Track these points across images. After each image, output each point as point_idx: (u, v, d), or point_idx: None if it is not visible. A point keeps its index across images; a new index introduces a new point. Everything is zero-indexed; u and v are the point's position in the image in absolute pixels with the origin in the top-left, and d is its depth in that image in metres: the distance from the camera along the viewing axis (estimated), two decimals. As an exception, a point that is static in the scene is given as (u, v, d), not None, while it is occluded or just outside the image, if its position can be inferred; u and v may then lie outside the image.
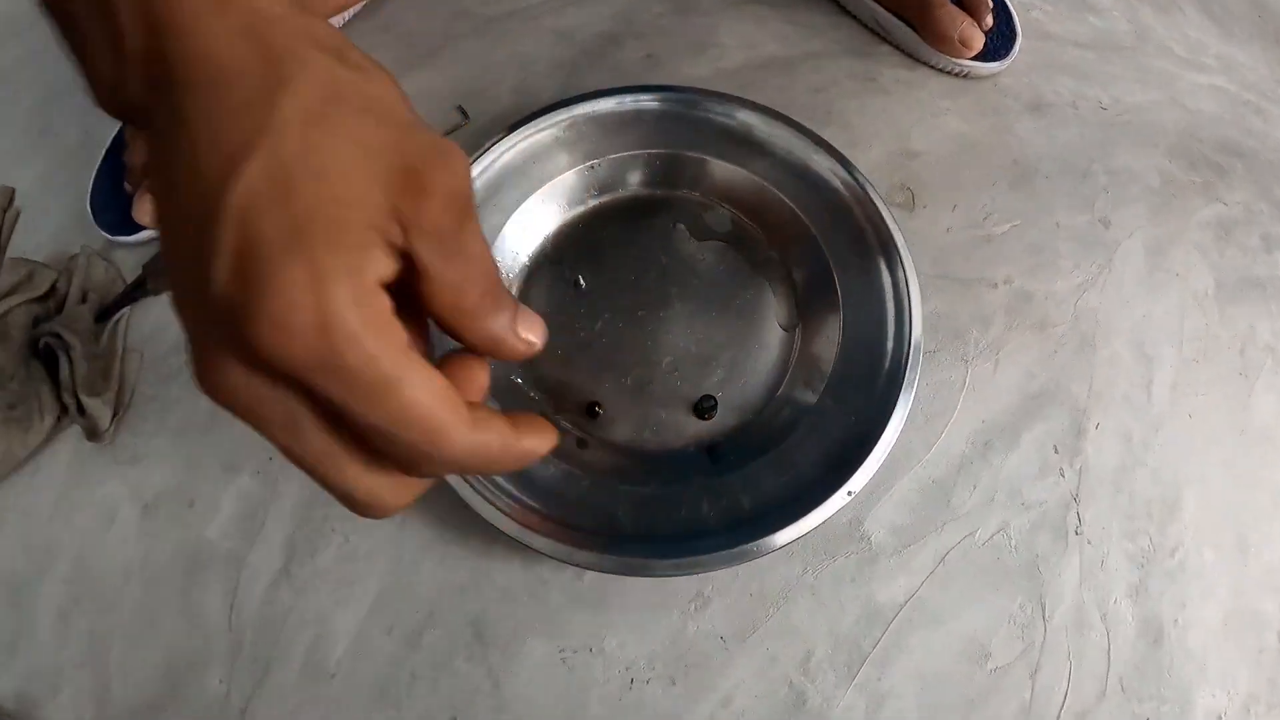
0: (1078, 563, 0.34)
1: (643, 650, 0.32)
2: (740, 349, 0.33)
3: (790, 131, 0.34)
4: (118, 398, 0.39)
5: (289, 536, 0.34)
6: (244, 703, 0.33)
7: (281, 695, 0.33)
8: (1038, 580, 0.33)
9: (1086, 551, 0.34)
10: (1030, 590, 0.33)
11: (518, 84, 0.41)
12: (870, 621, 0.32)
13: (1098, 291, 0.39)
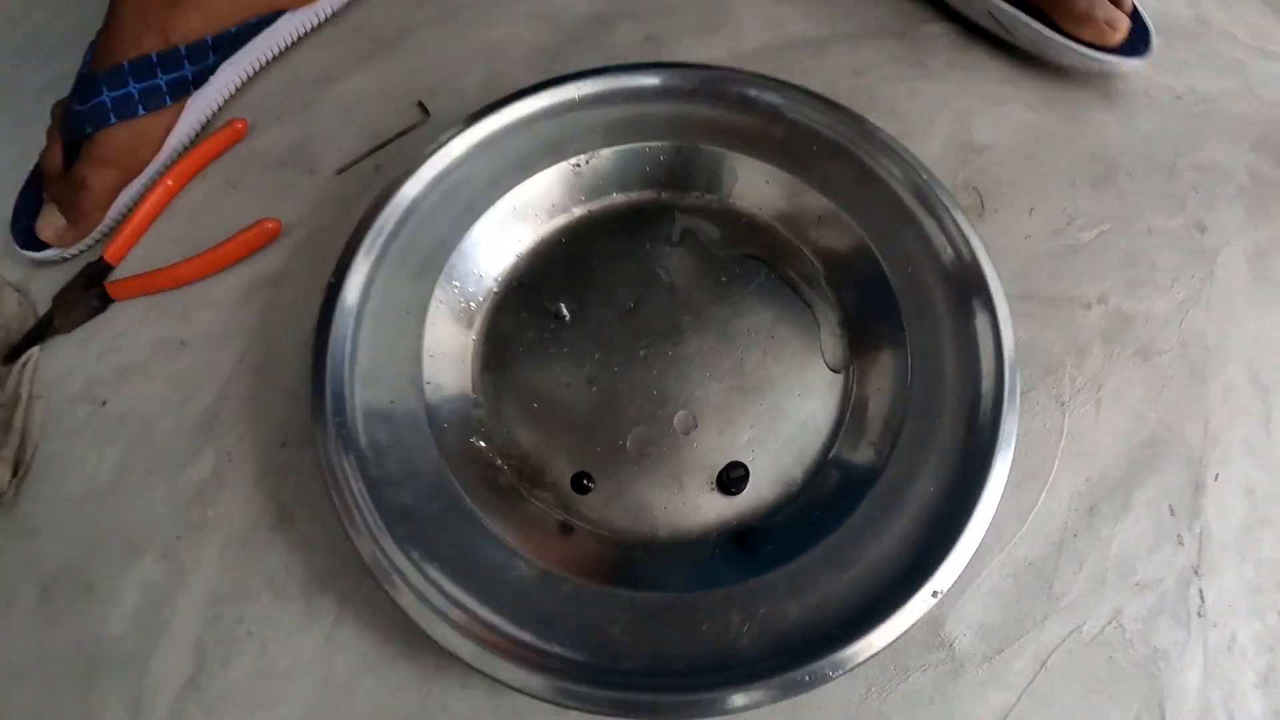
0: (1201, 653, 0.25)
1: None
2: (777, 399, 0.23)
3: (831, 117, 0.25)
4: (19, 453, 0.30)
5: (198, 639, 0.25)
6: None
7: None
8: (1158, 681, 0.24)
9: (1211, 637, 0.25)
10: (1149, 696, 0.24)
11: (487, 75, 0.32)
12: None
13: (1202, 309, 0.30)
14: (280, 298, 0.28)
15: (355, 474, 0.21)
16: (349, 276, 0.24)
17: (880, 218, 0.24)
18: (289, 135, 0.32)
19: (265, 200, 0.31)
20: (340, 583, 0.24)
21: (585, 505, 0.22)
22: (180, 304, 0.30)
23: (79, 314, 0.32)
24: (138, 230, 0.32)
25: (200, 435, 0.27)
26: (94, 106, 0.30)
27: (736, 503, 0.22)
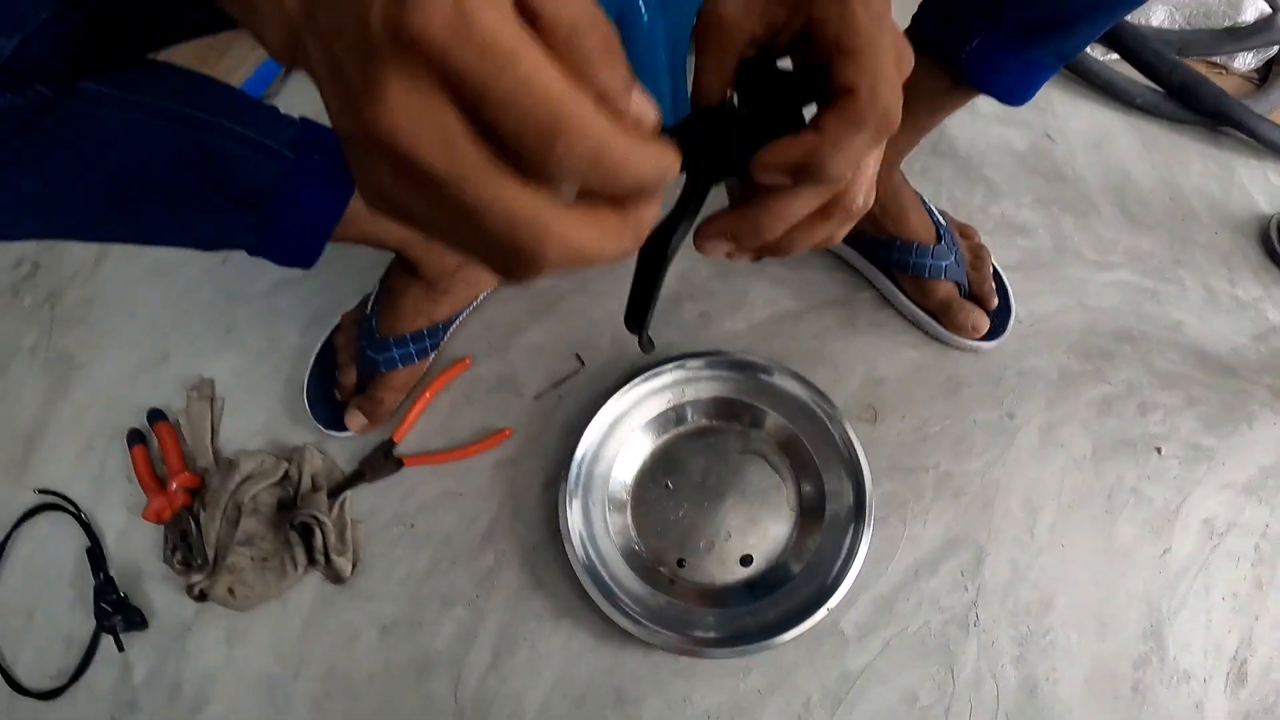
0: (975, 644, 0.80)
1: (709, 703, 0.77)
2: (766, 524, 0.80)
3: (797, 383, 0.81)
4: (354, 554, 0.85)
5: (494, 645, 0.79)
6: (470, 747, 0.78)
7: (495, 740, 0.78)
8: (949, 655, 0.79)
9: (982, 637, 0.80)
10: (944, 661, 0.79)
11: (614, 336, 0.89)
12: (844, 680, 0.77)
13: (1000, 467, 0.85)
14: (518, 472, 0.84)
15: (579, 561, 0.76)
16: (567, 475, 0.79)
17: (817, 437, 0.80)
18: (498, 369, 0.88)
19: (490, 411, 0.87)
20: (571, 611, 0.79)
21: (683, 572, 0.78)
22: (451, 472, 0.85)
23: (383, 471, 0.87)
24: (410, 424, 0.87)
25: (482, 542, 0.82)
26: (386, 358, 0.85)
27: (747, 570, 0.78)
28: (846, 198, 0.37)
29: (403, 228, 0.81)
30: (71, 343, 1.00)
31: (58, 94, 0.50)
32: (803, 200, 0.36)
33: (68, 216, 0.58)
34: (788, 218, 0.36)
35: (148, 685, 0.80)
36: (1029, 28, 0.67)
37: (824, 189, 0.36)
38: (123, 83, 0.54)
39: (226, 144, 0.60)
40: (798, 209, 0.36)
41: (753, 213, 0.36)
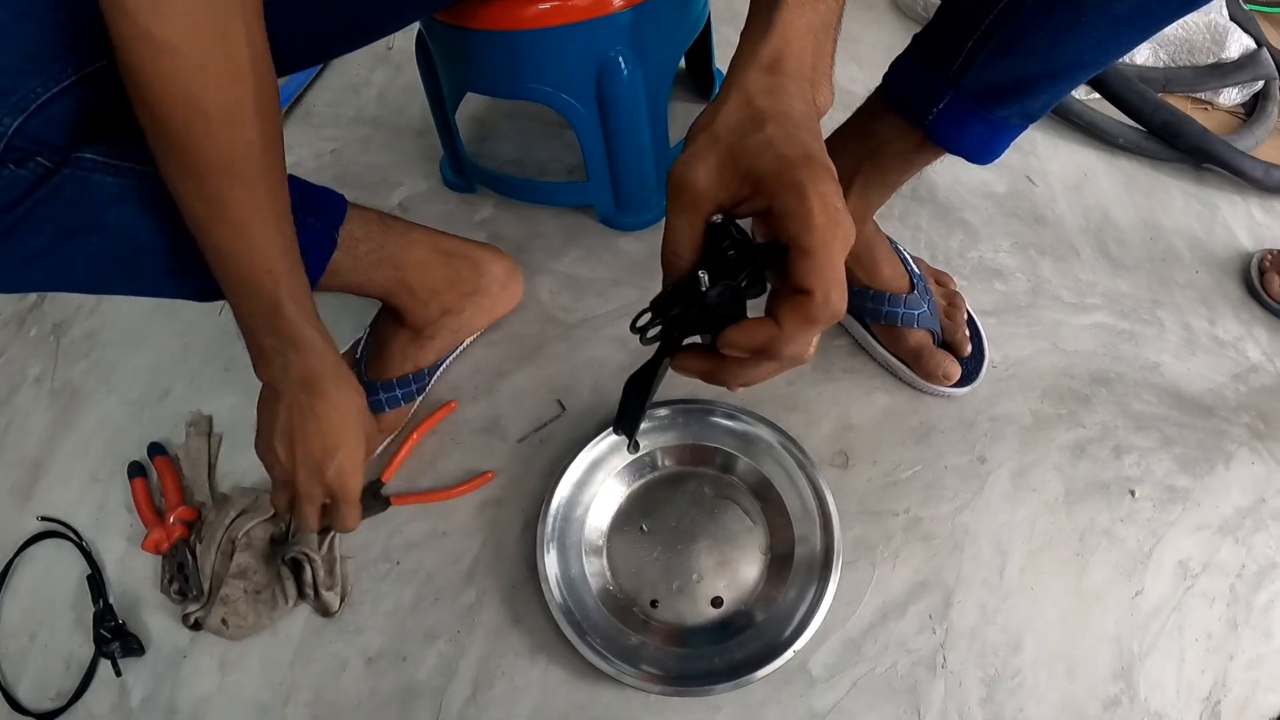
0: (943, 685, 0.81)
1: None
2: (737, 566, 0.82)
3: (768, 429, 0.83)
4: (342, 589, 0.87)
5: (474, 678, 0.82)
6: (450, 778, 0.81)
7: (475, 772, 0.80)
8: (916, 695, 0.80)
9: (949, 678, 0.81)
10: (911, 702, 0.80)
11: (594, 383, 0.91)
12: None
13: (970, 511, 0.87)
14: (500, 513, 0.87)
15: (555, 602, 0.78)
16: (544, 520, 0.81)
17: (786, 481, 0.83)
18: (483, 412, 0.91)
19: (474, 453, 0.90)
20: (548, 648, 0.81)
21: (656, 613, 0.80)
22: (436, 512, 0.88)
23: (371, 510, 0.89)
24: (398, 464, 0.90)
25: (465, 580, 0.85)
26: (374, 401, 0.88)
27: (718, 612, 0.80)
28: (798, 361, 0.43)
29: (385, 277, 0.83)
30: (77, 375, 1.04)
31: (56, 164, 0.53)
32: (758, 369, 0.44)
33: (68, 274, 0.62)
34: (748, 378, 0.45)
35: (144, 708, 0.83)
36: (992, 91, 0.68)
37: (773, 361, 0.43)
38: (118, 150, 0.57)
39: None
40: (757, 374, 0.44)
41: (720, 366, 0.45)
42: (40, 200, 0.53)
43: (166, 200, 0.59)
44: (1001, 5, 0.64)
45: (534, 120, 1.16)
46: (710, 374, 0.45)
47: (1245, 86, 1.26)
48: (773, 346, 0.41)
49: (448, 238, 0.87)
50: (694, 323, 0.45)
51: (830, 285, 0.39)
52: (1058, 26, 0.63)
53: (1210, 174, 1.18)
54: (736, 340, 0.41)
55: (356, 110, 1.20)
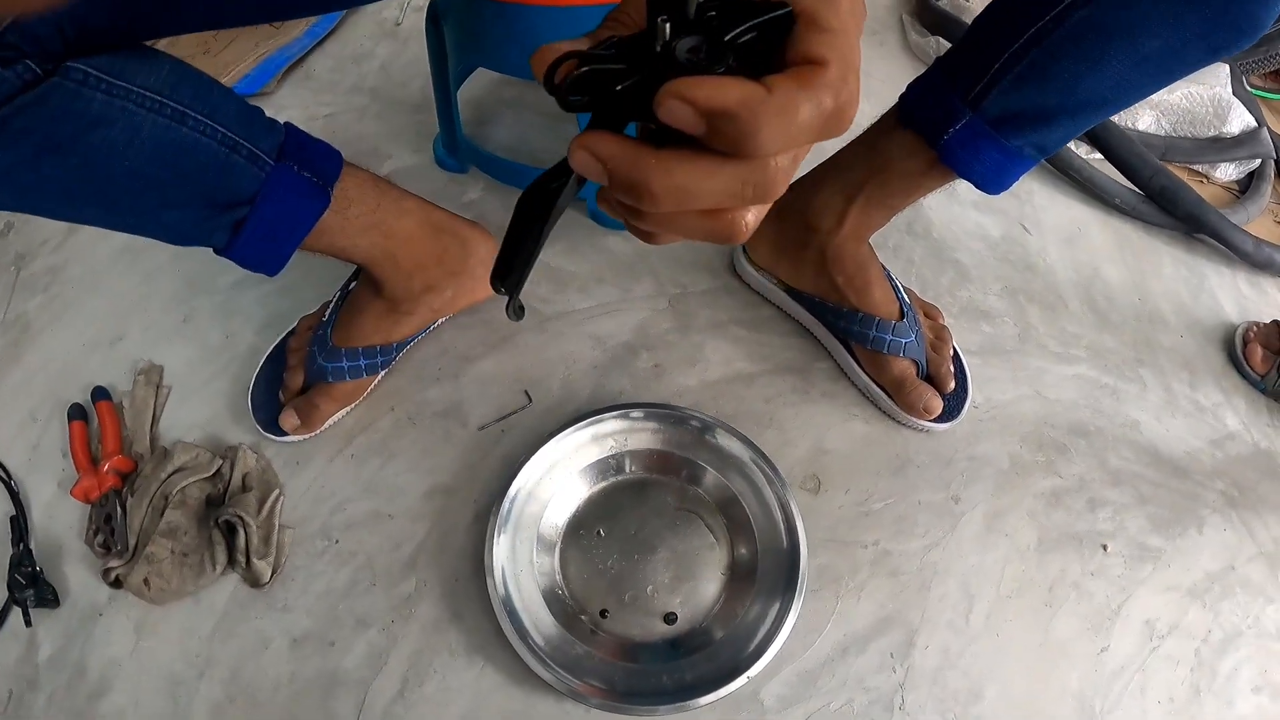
0: None
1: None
2: (694, 583, 0.75)
3: (741, 444, 0.77)
4: (276, 560, 0.80)
5: (404, 673, 0.74)
6: (365, 780, 0.73)
7: (393, 775, 0.73)
8: None
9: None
10: None
11: (564, 378, 0.85)
12: (759, 755, 0.73)
13: (941, 550, 0.81)
14: (450, 501, 0.80)
15: (499, 600, 0.72)
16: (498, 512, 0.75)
17: (755, 501, 0.76)
18: (446, 394, 0.85)
19: (431, 436, 0.83)
20: (486, 648, 0.74)
21: (605, 623, 0.73)
22: (384, 493, 0.81)
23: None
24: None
25: (405, 569, 0.77)
26: (335, 368, 0.81)
27: (670, 628, 0.73)
28: (737, 215, 0.29)
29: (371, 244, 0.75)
30: (31, 308, 0.96)
31: (46, 72, 0.48)
32: (707, 175, 0.27)
33: (39, 194, 0.56)
34: (680, 191, 0.27)
35: (51, 665, 0.76)
36: (1011, 118, 0.66)
37: (741, 170, 0.27)
38: (113, 68, 0.52)
39: (210, 143, 0.58)
40: (697, 183, 0.27)
41: (644, 158, 0.27)
42: (22, 108, 0.48)
43: (158, 130, 0.54)
44: (1031, 32, 0.62)
45: (533, 109, 1.10)
46: (630, 165, 0.27)
47: (1243, 163, 1.24)
48: (747, 115, 0.25)
49: (440, 211, 0.81)
50: (640, 92, 0.27)
51: (849, 68, 0.27)
52: (1084, 59, 0.61)
53: (1201, 244, 1.15)
54: (696, 92, 0.25)
55: (356, 79, 1.14)
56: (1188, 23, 0.57)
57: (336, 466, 0.83)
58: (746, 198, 0.28)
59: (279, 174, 0.63)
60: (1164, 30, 0.58)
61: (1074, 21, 0.60)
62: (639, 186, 0.27)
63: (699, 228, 0.30)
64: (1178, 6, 0.56)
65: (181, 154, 0.57)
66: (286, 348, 0.87)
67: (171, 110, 0.55)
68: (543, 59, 0.29)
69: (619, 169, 0.27)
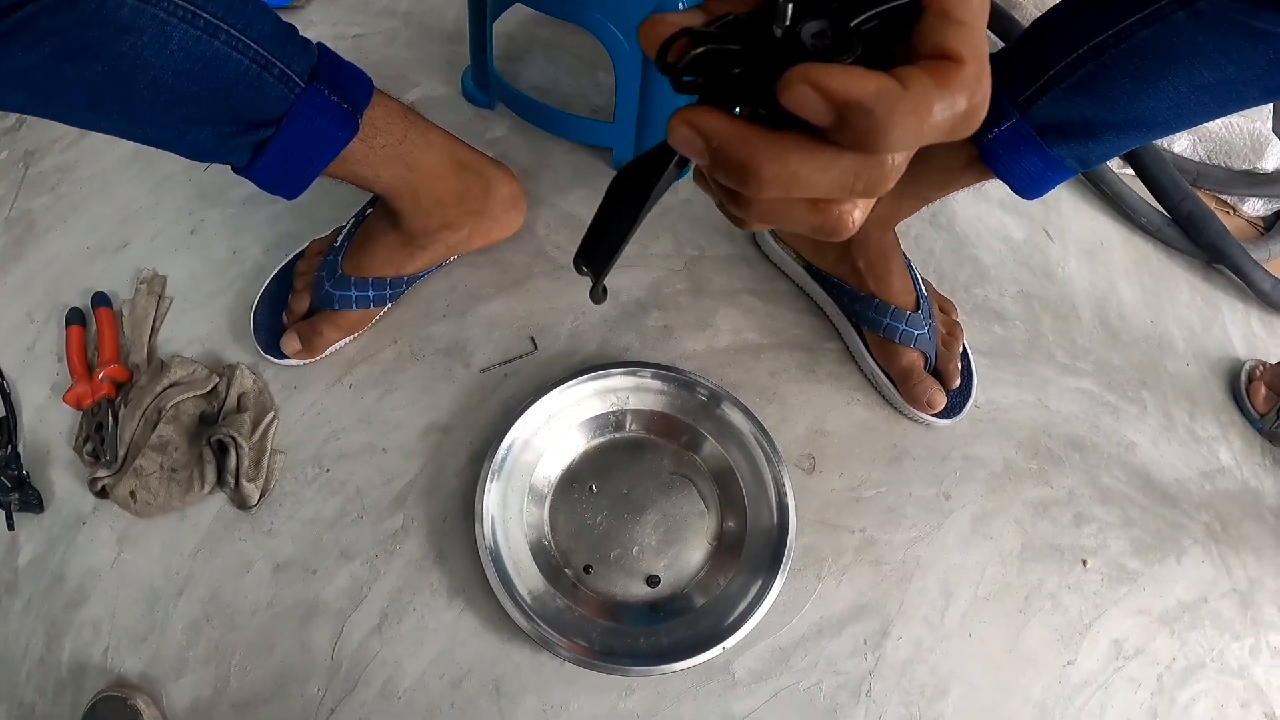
0: (864, 713, 0.78)
1: (585, 714, 0.74)
2: (680, 549, 0.77)
3: (744, 417, 0.79)
4: (265, 484, 0.81)
5: (383, 608, 0.76)
6: (334, 706, 0.75)
7: (361, 707, 0.75)
8: (834, 718, 0.77)
9: (871, 708, 0.78)
10: None
11: (573, 329, 0.86)
12: (724, 724, 0.75)
13: (925, 544, 0.84)
14: (445, 440, 0.81)
15: (485, 545, 0.73)
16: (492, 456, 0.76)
17: (749, 471, 0.78)
18: (451, 332, 0.86)
19: (433, 372, 0.84)
20: (467, 592, 0.76)
21: (588, 579, 0.75)
22: (378, 427, 0.82)
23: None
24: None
25: (394, 504, 0.79)
26: (343, 296, 0.82)
27: (652, 592, 0.75)
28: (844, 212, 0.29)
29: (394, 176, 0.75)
30: (37, 207, 0.96)
31: None
32: (823, 165, 0.26)
33: (60, 99, 0.55)
34: (790, 178, 0.27)
35: (30, 570, 0.77)
36: (1058, 127, 0.66)
37: (858, 163, 0.27)
38: None
39: (241, 59, 0.57)
40: (809, 172, 0.26)
41: (758, 141, 0.27)
42: (49, 8, 0.47)
43: (188, 41, 0.54)
44: (1091, 44, 0.62)
45: (569, 52, 1.10)
46: (742, 146, 0.27)
47: (1272, 200, 1.26)
48: (880, 109, 0.24)
49: (465, 148, 0.81)
50: (758, 77, 0.27)
51: (985, 67, 0.27)
52: (1141, 80, 0.62)
53: (1219, 275, 1.17)
54: (828, 80, 0.24)
55: (389, 1, 1.13)
56: (1250, 60, 0.58)
57: (334, 395, 0.84)
58: (856, 191, 0.27)
59: (309, 96, 0.62)
60: (1225, 64, 0.58)
61: (1136, 41, 0.60)
62: (747, 169, 0.27)
63: (803, 219, 0.29)
64: (1242, 42, 0.57)
65: (211, 68, 0.56)
66: (294, 270, 0.87)
67: (204, 22, 0.54)
68: (655, 33, 0.28)
69: (727, 148, 0.27)
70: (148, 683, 0.75)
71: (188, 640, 0.76)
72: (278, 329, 0.85)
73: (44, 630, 0.76)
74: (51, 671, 0.75)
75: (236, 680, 0.75)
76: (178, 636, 0.76)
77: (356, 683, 0.74)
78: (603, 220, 0.34)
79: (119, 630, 0.76)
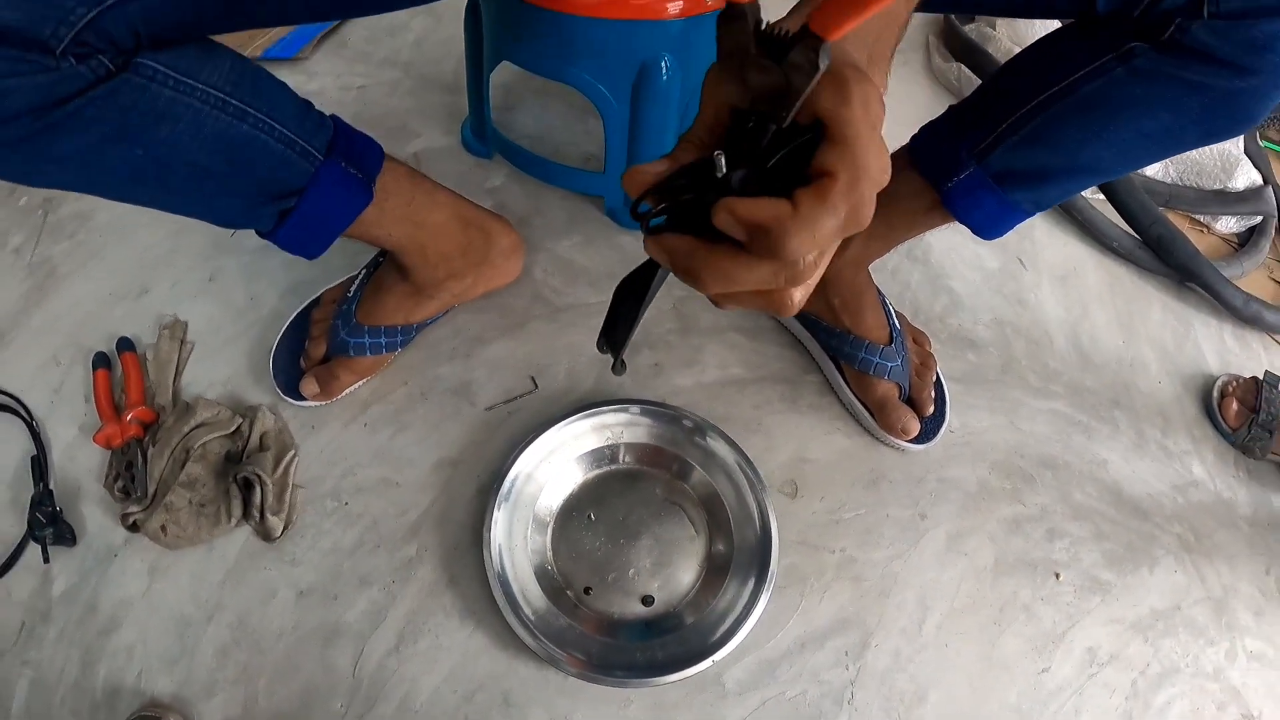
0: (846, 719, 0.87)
1: (591, 727, 0.84)
2: (673, 570, 0.87)
3: (728, 446, 0.89)
4: (287, 516, 0.91)
5: (401, 630, 0.86)
6: (356, 721, 0.84)
7: (381, 720, 0.84)
8: None
9: (854, 715, 0.87)
10: None
11: (570, 368, 0.96)
12: (717, 732, 0.84)
13: (902, 561, 0.93)
14: (455, 474, 0.91)
15: (493, 570, 0.83)
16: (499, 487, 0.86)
17: (736, 499, 0.88)
18: (457, 374, 0.95)
19: (441, 411, 0.94)
20: (477, 614, 0.86)
21: (588, 599, 0.85)
22: (393, 462, 0.92)
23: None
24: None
25: (408, 534, 0.89)
26: (357, 343, 0.92)
27: (647, 610, 0.85)
28: (784, 295, 0.40)
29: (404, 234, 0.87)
30: (58, 254, 1.06)
31: (118, 67, 0.54)
32: (747, 270, 0.38)
33: (103, 178, 0.62)
34: (729, 278, 0.38)
35: (65, 600, 0.86)
36: (1012, 174, 0.75)
37: (774, 266, 0.37)
38: (179, 64, 0.58)
39: (267, 139, 0.66)
40: (740, 275, 0.38)
41: (701, 252, 0.39)
42: (94, 100, 0.54)
43: (220, 125, 0.62)
44: (1040, 99, 0.71)
45: (560, 101, 1.20)
46: (687, 258, 0.39)
47: (1244, 218, 1.35)
48: (778, 228, 0.35)
49: (467, 205, 0.91)
50: (705, 213, 0.38)
51: (859, 174, 0.36)
52: (1088, 130, 0.70)
53: (1192, 293, 1.26)
54: (739, 210, 0.35)
55: (390, 52, 1.23)
56: (1188, 108, 0.65)
57: (350, 433, 0.94)
58: (781, 284, 0.38)
59: (328, 169, 0.72)
60: (1165, 112, 0.66)
61: (1081, 95, 0.68)
62: (694, 274, 0.39)
63: (750, 303, 0.41)
64: (1179, 91, 0.65)
65: (240, 148, 0.65)
66: (310, 318, 0.97)
67: (234, 108, 0.63)
68: (635, 183, 0.40)
69: (678, 260, 0.39)
70: (180, 704, 0.84)
71: (217, 663, 0.85)
72: (295, 372, 0.95)
73: (79, 656, 0.84)
74: (86, 695, 0.83)
75: (264, 700, 0.84)
76: (208, 660, 0.85)
77: (376, 699, 0.83)
78: (615, 312, 0.47)
79: (151, 655, 0.84)
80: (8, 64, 0.49)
